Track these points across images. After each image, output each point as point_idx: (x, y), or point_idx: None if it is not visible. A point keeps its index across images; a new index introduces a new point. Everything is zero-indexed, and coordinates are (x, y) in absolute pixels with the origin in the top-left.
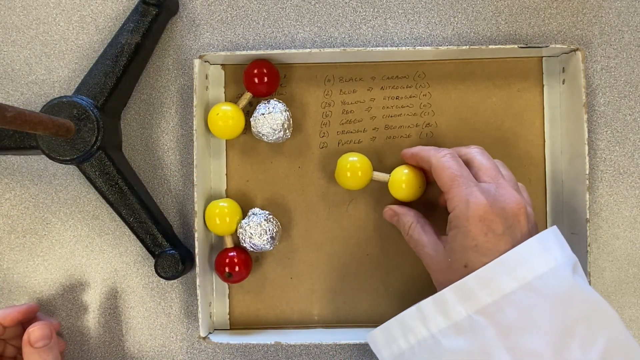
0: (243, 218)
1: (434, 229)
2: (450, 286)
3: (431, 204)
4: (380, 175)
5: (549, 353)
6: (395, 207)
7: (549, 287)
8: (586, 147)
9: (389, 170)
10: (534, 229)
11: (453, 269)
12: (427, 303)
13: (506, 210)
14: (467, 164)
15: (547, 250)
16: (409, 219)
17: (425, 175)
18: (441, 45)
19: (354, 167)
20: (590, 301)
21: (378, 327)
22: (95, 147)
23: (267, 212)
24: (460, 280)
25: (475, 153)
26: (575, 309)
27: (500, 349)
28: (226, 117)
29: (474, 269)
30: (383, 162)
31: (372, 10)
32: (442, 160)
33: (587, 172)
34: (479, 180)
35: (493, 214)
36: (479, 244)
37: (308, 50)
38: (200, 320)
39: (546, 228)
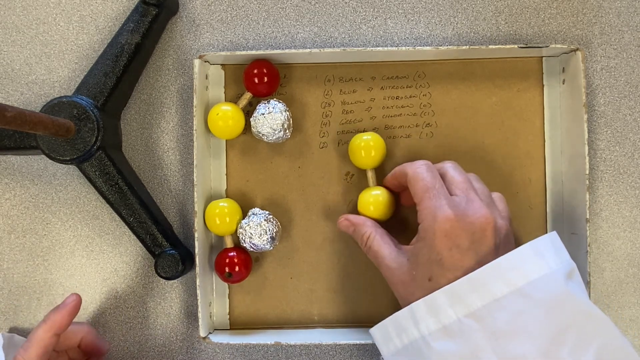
0: (243, 218)
1: (392, 240)
2: (441, 289)
3: (399, 222)
4: (370, 175)
5: (538, 359)
6: (351, 217)
7: (541, 293)
8: (586, 147)
9: (388, 171)
10: (506, 242)
11: (417, 282)
12: (418, 305)
13: (474, 225)
14: (441, 178)
15: (541, 256)
16: (367, 229)
17: (399, 197)
18: (441, 45)
19: (367, 146)
20: (583, 309)
21: (376, 325)
22: (95, 147)
23: (267, 212)
24: (451, 284)
25: (448, 167)
26: (566, 316)
27: (490, 353)
28: (226, 117)
29: (438, 282)
30: (383, 162)
31: (372, 10)
32: (417, 171)
33: (587, 172)
34: (450, 194)
35: (459, 229)
36: (443, 259)
37: (308, 50)
38: (200, 320)
39: (546, 227)
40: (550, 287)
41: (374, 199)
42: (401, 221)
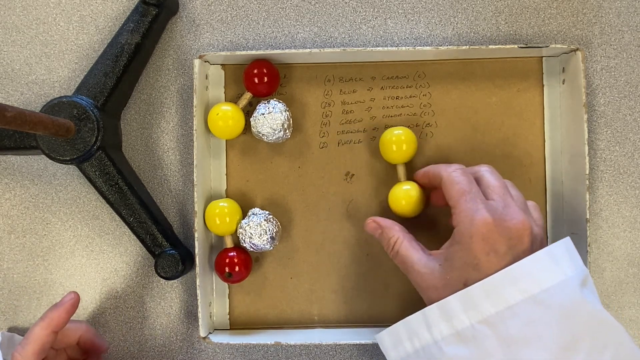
0: (243, 218)
1: (421, 246)
2: (455, 294)
3: (426, 223)
4: (401, 170)
5: None
6: (379, 220)
7: (555, 301)
8: (586, 147)
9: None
10: (540, 249)
11: (451, 286)
12: (431, 309)
13: (511, 230)
14: (476, 181)
15: (556, 263)
16: (395, 234)
17: (429, 195)
18: (441, 45)
19: (399, 140)
20: (597, 317)
21: (386, 329)
22: (95, 147)
23: (267, 212)
24: (465, 289)
25: (484, 171)
26: (580, 325)
27: None
28: (226, 117)
29: None
30: (383, 162)
31: (372, 10)
32: (453, 174)
33: (587, 172)
34: (487, 198)
35: (497, 233)
36: (480, 263)
37: (308, 50)
38: (200, 320)
39: (546, 228)
40: (564, 295)
41: (405, 194)
42: (428, 222)
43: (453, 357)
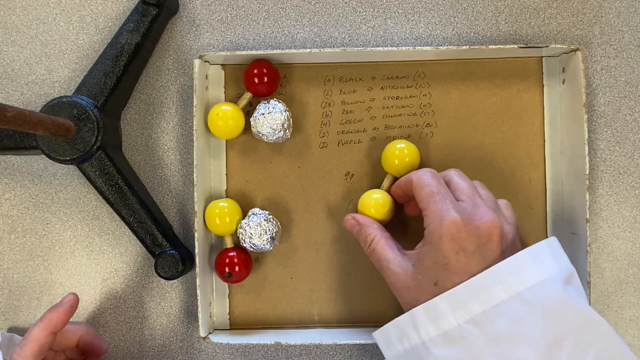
0: (243, 218)
1: (397, 245)
2: (441, 295)
3: (400, 227)
4: (387, 180)
5: None
6: (358, 217)
7: (539, 299)
8: (586, 147)
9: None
10: (512, 248)
11: (422, 286)
12: (418, 311)
13: (480, 229)
14: (446, 185)
15: (539, 262)
16: (372, 232)
17: (403, 205)
18: (441, 45)
19: (402, 154)
20: (581, 315)
21: (378, 329)
22: (95, 147)
23: (267, 212)
24: (451, 289)
25: (453, 175)
26: (564, 322)
27: (490, 358)
28: (226, 117)
29: (444, 287)
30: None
31: (372, 10)
32: (423, 177)
33: (587, 172)
34: (456, 200)
35: (466, 233)
36: (450, 263)
37: (308, 50)
38: (200, 320)
39: (546, 227)
40: (547, 292)
41: (375, 202)
42: (402, 226)
43: (441, 358)
